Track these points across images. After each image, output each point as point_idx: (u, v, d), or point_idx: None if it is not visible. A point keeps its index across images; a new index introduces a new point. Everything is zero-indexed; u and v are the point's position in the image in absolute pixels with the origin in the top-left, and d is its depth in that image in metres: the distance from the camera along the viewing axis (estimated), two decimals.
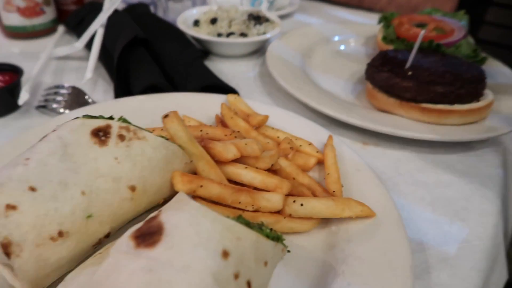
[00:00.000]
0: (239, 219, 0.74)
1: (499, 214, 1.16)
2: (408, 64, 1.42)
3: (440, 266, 0.98)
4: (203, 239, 0.66)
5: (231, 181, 1.02)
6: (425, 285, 0.94)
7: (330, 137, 1.21)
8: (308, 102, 1.44)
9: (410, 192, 1.19)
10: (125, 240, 0.67)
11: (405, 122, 1.38)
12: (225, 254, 0.66)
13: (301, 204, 0.96)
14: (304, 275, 0.89)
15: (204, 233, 0.67)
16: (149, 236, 0.66)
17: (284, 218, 0.97)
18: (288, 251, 0.90)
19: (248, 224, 0.74)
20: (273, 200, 0.96)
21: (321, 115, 1.46)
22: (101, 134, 0.85)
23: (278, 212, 0.98)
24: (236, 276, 0.66)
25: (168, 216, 0.70)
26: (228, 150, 1.00)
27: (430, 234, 1.06)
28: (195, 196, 0.94)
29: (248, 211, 0.96)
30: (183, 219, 0.69)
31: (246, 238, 0.70)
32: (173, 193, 0.94)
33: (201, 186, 0.93)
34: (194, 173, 1.00)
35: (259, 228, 0.76)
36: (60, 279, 0.80)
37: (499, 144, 1.41)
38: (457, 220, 1.10)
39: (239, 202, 0.95)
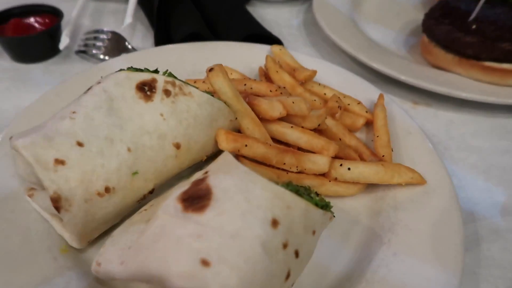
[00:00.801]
0: (289, 186, 0.71)
1: None
2: (472, 17, 1.28)
3: (491, 238, 0.93)
4: (253, 207, 0.64)
5: (276, 140, 0.98)
6: (475, 257, 0.90)
7: (381, 96, 1.14)
8: (357, 56, 1.34)
9: (462, 158, 1.12)
10: (173, 203, 0.66)
11: (463, 81, 1.27)
12: (275, 223, 0.64)
13: (348, 168, 0.92)
14: (348, 241, 0.88)
15: (253, 200, 0.65)
16: (197, 200, 0.65)
17: (329, 181, 0.94)
18: (334, 217, 0.88)
19: (297, 191, 0.71)
20: (319, 162, 0.92)
21: (369, 70, 1.37)
22: (146, 89, 0.82)
23: (323, 175, 0.95)
24: (285, 246, 0.64)
25: (216, 179, 0.67)
26: (274, 108, 0.96)
27: (481, 204, 1.01)
28: (238, 155, 0.92)
29: (292, 172, 0.93)
30: (232, 184, 0.66)
31: (296, 207, 0.67)
32: (216, 151, 0.92)
33: (246, 145, 0.90)
34: (238, 131, 0.97)
35: (308, 195, 0.73)
36: (107, 232, 0.82)
37: None
38: (511, 189, 1.04)
39: (284, 163, 0.92)
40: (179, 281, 0.55)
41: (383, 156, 0.99)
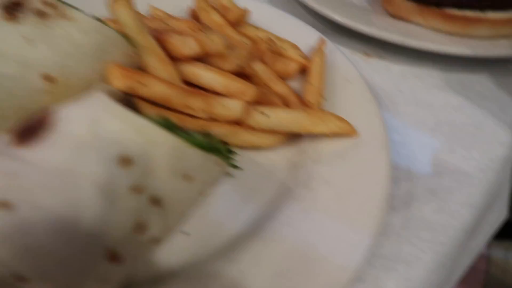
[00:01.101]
0: (163, 121, 0.59)
1: None
2: None
3: (427, 198, 0.82)
4: (100, 141, 0.52)
5: (190, 84, 0.86)
6: (403, 218, 0.79)
7: (322, 40, 1.00)
8: (307, 2, 1.20)
9: (410, 113, 1.00)
10: (3, 135, 0.54)
11: (421, 31, 1.13)
12: (126, 161, 0.52)
13: (265, 115, 0.80)
14: (255, 197, 0.76)
15: (103, 133, 0.53)
16: (33, 130, 0.53)
17: (244, 129, 0.81)
18: (237, 168, 0.76)
19: (172, 127, 0.59)
20: (231, 106, 0.80)
21: (321, 19, 1.23)
22: (14, 8, 0.69)
23: (238, 123, 0.82)
24: (138, 190, 0.53)
25: (64, 109, 0.55)
26: (186, 44, 0.83)
27: (423, 162, 0.89)
28: (135, 96, 0.79)
29: (200, 118, 0.81)
30: (81, 114, 0.54)
31: (161, 144, 0.55)
32: None
33: (142, 83, 0.77)
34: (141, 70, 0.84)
35: (186, 134, 0.61)
36: None
37: None
38: (459, 148, 0.92)
39: (189, 107, 0.80)
40: None
41: (310, 103, 0.87)
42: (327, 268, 0.64)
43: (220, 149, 0.65)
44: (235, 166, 0.76)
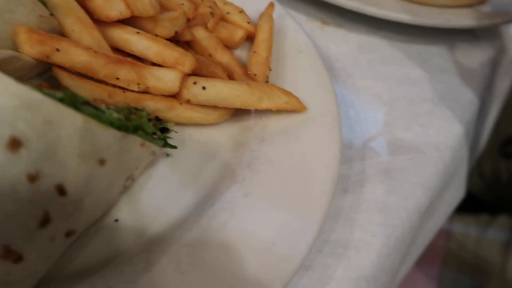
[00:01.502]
0: (66, 94, 0.49)
1: (471, 122, 0.92)
2: None
3: (380, 179, 0.77)
4: None
5: (119, 52, 0.75)
6: (355, 200, 0.74)
7: (270, 4, 0.91)
8: None
9: (366, 87, 0.94)
10: None
11: None
12: (17, 144, 0.42)
13: (203, 88, 0.71)
14: (196, 181, 0.68)
15: None
16: None
17: (181, 104, 0.72)
18: (172, 147, 0.68)
19: (79, 104, 0.50)
20: (166, 78, 0.70)
21: None
22: None
23: (174, 96, 0.73)
24: (33, 178, 0.43)
25: None
26: (111, 4, 0.71)
27: (377, 141, 0.84)
28: (52, 65, 0.68)
29: (131, 91, 0.71)
30: None
31: (65, 124, 0.46)
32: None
33: (58, 49, 0.66)
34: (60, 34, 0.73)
35: (99, 110, 0.52)
36: None
37: (494, 37, 1.12)
38: (415, 125, 0.87)
39: (117, 78, 0.69)
40: None
41: (255, 75, 0.79)
42: (270, 259, 0.58)
43: (144, 128, 0.56)
44: (170, 146, 0.67)
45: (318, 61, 0.85)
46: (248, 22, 0.89)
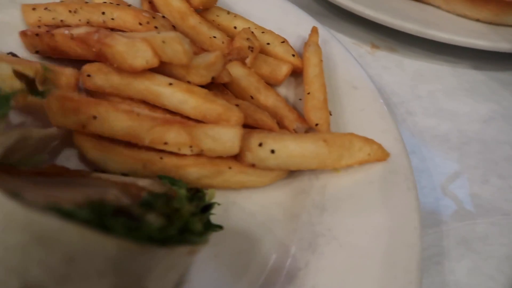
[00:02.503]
0: (91, 209, 0.36)
1: None
2: None
3: (458, 252, 0.64)
4: None
5: (148, 106, 0.62)
6: (430, 284, 0.61)
7: (314, 31, 0.78)
8: None
9: (430, 126, 0.81)
10: None
11: (442, 17, 0.92)
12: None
13: (272, 151, 0.58)
14: (245, 272, 0.55)
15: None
16: None
17: (230, 168, 0.59)
18: (216, 228, 0.55)
19: (105, 218, 0.37)
20: (224, 138, 0.57)
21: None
22: None
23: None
24: None
25: None
26: (136, 53, 0.58)
27: (450, 199, 0.70)
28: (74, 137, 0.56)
29: (169, 158, 0.58)
30: None
31: (94, 258, 0.34)
32: None
33: (95, 117, 0.54)
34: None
35: (135, 220, 0.39)
36: None
37: None
38: (493, 176, 0.74)
39: (166, 143, 0.57)
40: None
41: (316, 125, 0.65)
42: None
43: (191, 227, 0.44)
44: (214, 227, 0.55)
45: (378, 100, 0.72)
46: (293, 55, 0.75)
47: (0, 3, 0.78)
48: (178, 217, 0.44)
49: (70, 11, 0.72)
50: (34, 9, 0.74)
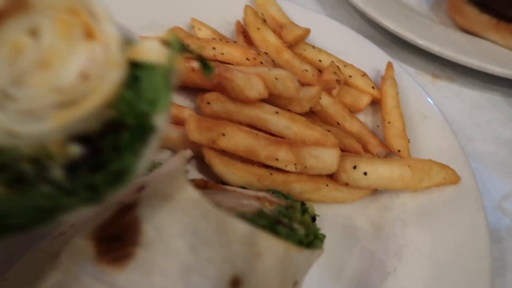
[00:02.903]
0: (262, 218, 0.49)
1: None
2: None
3: None
4: (201, 260, 0.42)
5: (254, 128, 0.74)
6: None
7: (389, 66, 0.89)
8: (366, 11, 1.06)
9: (489, 152, 0.90)
10: (83, 242, 0.43)
11: (499, 51, 1.02)
12: (236, 283, 0.42)
13: (365, 173, 0.69)
14: (342, 270, 0.66)
15: (203, 248, 0.42)
16: (118, 241, 0.42)
17: (327, 185, 0.71)
18: (324, 236, 0.67)
19: (272, 224, 0.49)
20: (325, 157, 0.69)
21: (381, 30, 1.09)
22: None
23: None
24: None
25: (149, 209, 0.44)
26: (252, 86, 0.70)
27: (509, 218, 0.80)
28: (205, 153, 0.69)
29: (280, 171, 0.70)
30: (172, 219, 0.44)
31: (269, 254, 0.45)
32: None
33: (224, 134, 0.66)
34: None
35: (291, 229, 0.51)
36: None
37: None
38: None
39: (276, 159, 0.69)
40: None
41: (398, 151, 0.76)
42: None
43: (318, 237, 0.55)
44: (321, 236, 0.66)
45: (447, 129, 0.83)
46: (373, 87, 0.86)
47: None
48: (306, 225, 0.55)
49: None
50: None
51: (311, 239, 0.52)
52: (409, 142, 0.78)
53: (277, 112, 0.73)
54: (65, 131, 0.30)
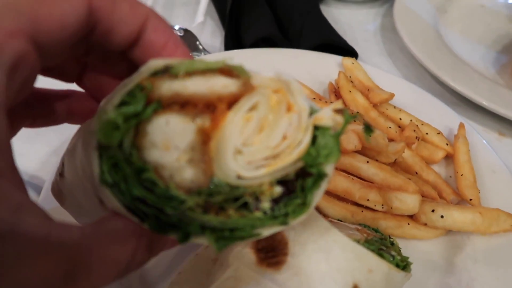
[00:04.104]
0: (371, 244, 0.66)
1: None
2: None
3: None
4: (333, 269, 0.60)
5: (347, 173, 0.92)
6: None
7: (461, 126, 1.04)
8: (438, 74, 1.23)
9: None
10: (247, 250, 0.63)
11: None
12: None
13: (441, 216, 0.85)
14: None
15: (334, 261, 0.60)
16: (272, 252, 0.61)
17: (408, 224, 0.87)
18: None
19: (380, 250, 0.66)
20: (408, 201, 0.85)
21: (451, 89, 1.25)
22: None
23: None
24: None
25: (292, 231, 0.63)
26: (349, 140, 0.89)
27: None
28: None
29: (369, 209, 0.87)
30: (310, 239, 0.62)
31: (377, 270, 0.62)
32: None
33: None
34: None
35: (390, 255, 0.67)
36: None
37: None
38: None
39: (368, 199, 0.86)
40: None
41: (470, 199, 0.91)
42: None
43: (408, 264, 0.71)
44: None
45: None
46: (447, 144, 1.02)
47: None
48: (399, 253, 0.72)
49: None
50: None
51: (404, 264, 0.69)
52: (479, 192, 0.93)
53: (367, 162, 0.91)
54: (273, 176, 0.44)
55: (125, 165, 0.40)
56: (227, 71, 0.42)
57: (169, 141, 0.41)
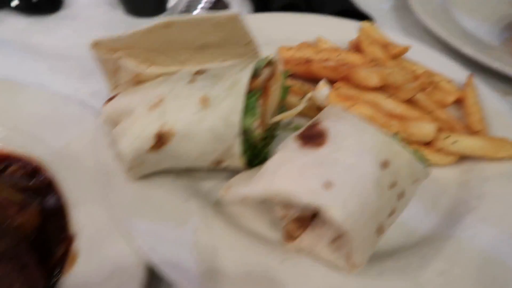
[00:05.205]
0: (396, 137, 0.76)
1: None
2: None
3: None
4: (366, 147, 0.70)
5: None
6: None
7: (470, 77, 1.15)
8: (448, 40, 1.36)
9: None
10: (290, 140, 0.74)
11: None
12: (385, 164, 0.70)
13: (454, 142, 0.95)
14: (436, 206, 0.91)
15: (366, 142, 0.71)
16: (314, 138, 0.72)
17: (427, 150, 0.97)
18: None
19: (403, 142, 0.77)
20: (426, 129, 0.95)
21: (459, 58, 1.36)
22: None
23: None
24: (392, 186, 0.70)
25: (330, 123, 0.74)
26: (371, 77, 1.00)
27: None
28: None
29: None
30: (345, 127, 0.73)
31: (402, 155, 0.73)
32: None
33: (355, 105, 0.96)
34: None
35: (414, 150, 0.78)
36: None
37: None
38: None
39: (390, 126, 0.96)
40: (306, 198, 0.63)
41: (478, 131, 1.02)
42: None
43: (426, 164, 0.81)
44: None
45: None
46: (457, 90, 1.13)
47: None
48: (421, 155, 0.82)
49: (315, 52, 1.17)
50: (288, 49, 1.20)
51: (425, 163, 0.79)
52: (486, 126, 1.03)
53: (387, 98, 1.02)
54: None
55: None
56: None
57: None
